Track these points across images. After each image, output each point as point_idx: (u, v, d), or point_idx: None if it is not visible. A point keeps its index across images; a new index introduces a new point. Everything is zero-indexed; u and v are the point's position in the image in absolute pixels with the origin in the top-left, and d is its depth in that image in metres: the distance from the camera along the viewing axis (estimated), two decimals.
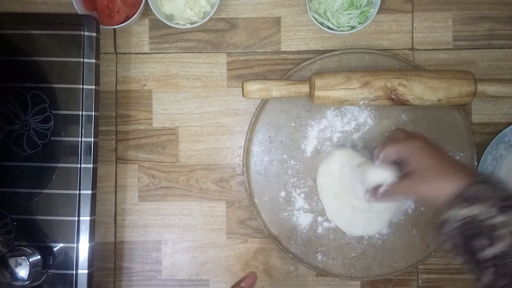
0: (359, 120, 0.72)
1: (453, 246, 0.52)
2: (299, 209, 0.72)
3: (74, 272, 0.66)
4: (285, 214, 0.72)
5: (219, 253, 0.74)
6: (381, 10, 0.71)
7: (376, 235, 0.71)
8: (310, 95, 0.68)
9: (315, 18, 0.71)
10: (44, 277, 0.66)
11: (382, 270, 0.71)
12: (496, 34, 0.74)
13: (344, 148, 0.71)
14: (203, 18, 0.72)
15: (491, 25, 0.74)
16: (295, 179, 0.72)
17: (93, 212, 0.66)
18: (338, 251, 0.71)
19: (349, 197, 0.69)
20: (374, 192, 0.63)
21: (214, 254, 0.74)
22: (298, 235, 0.72)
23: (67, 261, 0.66)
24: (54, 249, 0.66)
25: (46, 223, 0.66)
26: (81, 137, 0.67)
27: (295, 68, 0.72)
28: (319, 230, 0.72)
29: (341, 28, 0.71)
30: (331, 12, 0.71)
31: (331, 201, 0.71)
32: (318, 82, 0.67)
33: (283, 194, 0.72)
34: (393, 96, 0.67)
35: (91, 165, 0.66)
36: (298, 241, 0.72)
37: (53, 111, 0.67)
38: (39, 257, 0.64)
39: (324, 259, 0.71)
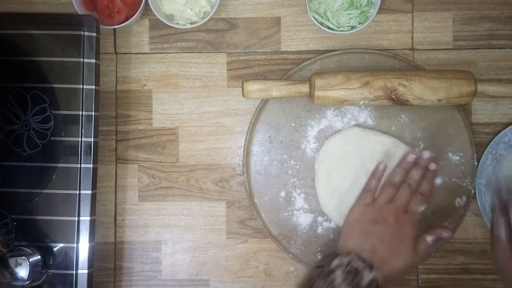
0: (359, 120, 0.72)
1: None
2: (299, 209, 0.72)
3: (74, 272, 0.66)
4: (285, 214, 0.72)
5: (219, 253, 0.74)
6: (381, 10, 0.71)
7: None
8: (310, 95, 0.68)
9: (315, 18, 0.71)
10: (44, 277, 0.66)
11: None
12: (496, 34, 0.74)
13: (353, 127, 0.71)
14: (203, 18, 0.72)
15: (491, 25, 0.74)
16: (295, 179, 0.72)
17: (93, 212, 0.66)
18: None
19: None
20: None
21: (214, 254, 0.74)
22: (298, 235, 0.72)
23: (67, 261, 0.66)
24: (54, 249, 0.66)
25: (46, 223, 0.66)
26: (81, 137, 0.67)
27: (295, 68, 0.72)
28: (319, 230, 0.72)
29: (341, 28, 0.71)
30: (331, 12, 0.71)
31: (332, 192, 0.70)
32: (318, 82, 0.67)
33: (283, 194, 0.72)
34: (393, 96, 0.67)
35: (91, 165, 0.66)
36: (298, 241, 0.72)
37: (53, 111, 0.67)
38: (39, 257, 0.64)
39: None
